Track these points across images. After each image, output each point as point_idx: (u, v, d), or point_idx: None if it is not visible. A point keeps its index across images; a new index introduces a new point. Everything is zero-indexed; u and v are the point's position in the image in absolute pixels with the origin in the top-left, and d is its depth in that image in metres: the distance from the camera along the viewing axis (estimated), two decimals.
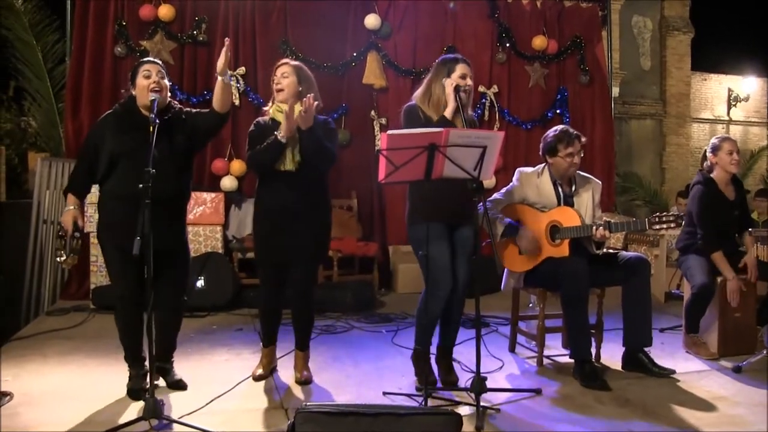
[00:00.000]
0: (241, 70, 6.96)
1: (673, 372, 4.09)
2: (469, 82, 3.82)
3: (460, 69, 3.82)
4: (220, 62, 3.58)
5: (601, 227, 4.01)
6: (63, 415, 3.40)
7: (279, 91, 3.82)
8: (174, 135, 3.63)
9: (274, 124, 3.78)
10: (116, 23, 6.75)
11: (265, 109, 3.98)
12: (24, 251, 5.94)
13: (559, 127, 4.32)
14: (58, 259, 3.63)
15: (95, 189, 5.85)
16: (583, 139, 4.27)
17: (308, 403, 2.47)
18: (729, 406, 3.61)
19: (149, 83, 3.55)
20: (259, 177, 3.90)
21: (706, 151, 4.71)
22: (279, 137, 3.65)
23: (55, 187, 6.29)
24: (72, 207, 3.62)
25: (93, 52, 6.71)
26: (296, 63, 3.96)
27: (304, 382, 3.91)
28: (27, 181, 9.08)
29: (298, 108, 3.69)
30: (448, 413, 2.48)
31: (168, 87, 3.69)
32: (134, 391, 3.65)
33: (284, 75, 3.84)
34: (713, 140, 4.69)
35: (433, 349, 3.98)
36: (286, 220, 3.77)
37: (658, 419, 3.40)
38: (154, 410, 3.15)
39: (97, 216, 5.85)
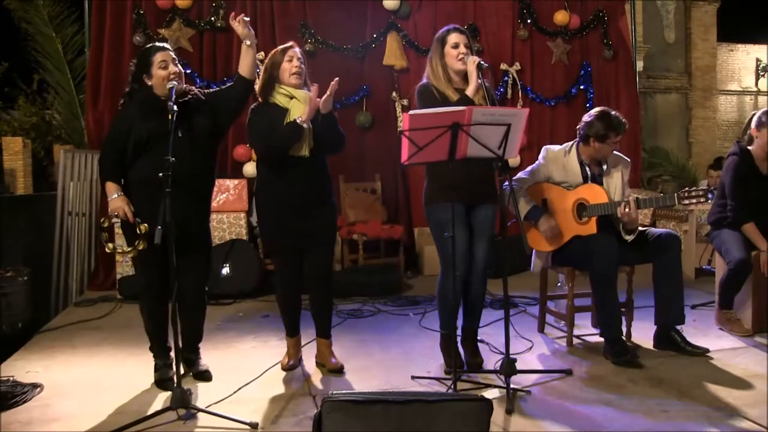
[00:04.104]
0: (260, 54, 6.89)
1: (707, 351, 4.01)
2: (462, 49, 3.71)
3: (451, 39, 3.74)
4: (239, 27, 3.55)
5: (623, 203, 3.92)
6: (93, 405, 3.42)
7: (297, 74, 3.73)
8: (194, 118, 3.60)
9: (277, 109, 3.70)
10: (134, 12, 6.72)
11: (257, 91, 3.82)
12: (50, 243, 5.98)
13: (602, 111, 4.16)
14: (110, 246, 3.59)
15: None
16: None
17: (335, 392, 2.43)
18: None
19: (167, 74, 3.52)
20: (267, 165, 3.80)
21: (750, 120, 4.58)
22: (299, 122, 3.59)
23: (78, 178, 6.32)
24: (116, 195, 3.52)
25: (112, 42, 6.69)
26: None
27: (339, 370, 3.86)
28: (53, 174, 9.14)
29: (312, 93, 3.66)
30: (479, 399, 2.44)
31: (182, 72, 3.65)
32: (162, 382, 3.66)
33: (300, 60, 3.78)
34: (761, 116, 4.49)
35: (459, 331, 3.94)
36: (303, 206, 3.73)
37: (693, 399, 3.33)
38: (182, 400, 3.15)
39: None
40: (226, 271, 5.96)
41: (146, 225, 3.45)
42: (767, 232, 4.42)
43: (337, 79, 3.60)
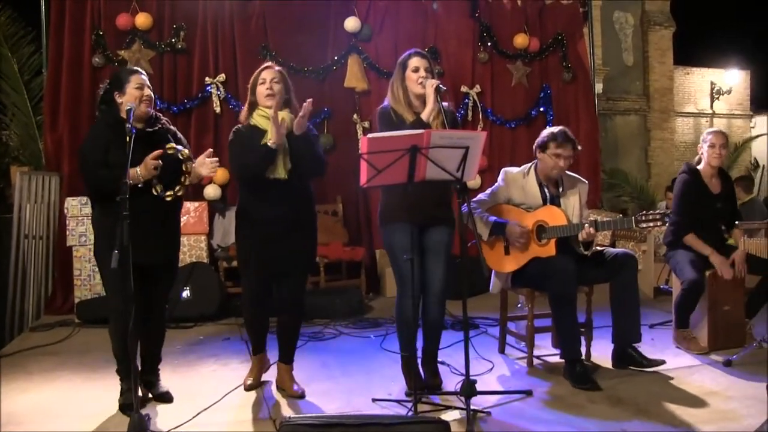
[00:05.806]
0: (221, 77, 6.88)
1: (663, 362, 4.11)
2: (422, 73, 3.75)
3: (412, 63, 3.78)
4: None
5: (587, 225, 3.99)
6: None
7: (269, 96, 3.71)
8: (163, 145, 3.62)
9: (257, 131, 3.71)
10: (93, 33, 6.64)
11: (241, 116, 3.89)
12: (6, 266, 5.85)
13: (559, 128, 4.25)
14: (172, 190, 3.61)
15: (78, 202, 5.89)
16: (579, 147, 4.24)
17: (293, 416, 2.42)
18: (721, 401, 3.60)
19: (141, 95, 3.55)
20: (247, 186, 3.79)
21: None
22: (270, 144, 3.57)
23: (36, 201, 6.20)
24: (135, 171, 3.41)
25: (70, 63, 6.60)
26: (280, 68, 3.87)
27: (301, 396, 3.81)
28: (11, 196, 8.98)
29: (283, 114, 3.66)
30: (436, 421, 2.44)
31: (153, 97, 3.69)
32: (127, 406, 3.58)
33: (275, 80, 3.75)
34: (704, 135, 4.72)
35: (419, 353, 3.94)
36: (279, 231, 3.70)
37: (651, 417, 3.38)
38: (140, 426, 3.10)
39: (80, 229, 5.91)
40: (186, 294, 5.89)
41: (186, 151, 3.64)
42: (717, 248, 4.54)
43: (310, 100, 3.61)
